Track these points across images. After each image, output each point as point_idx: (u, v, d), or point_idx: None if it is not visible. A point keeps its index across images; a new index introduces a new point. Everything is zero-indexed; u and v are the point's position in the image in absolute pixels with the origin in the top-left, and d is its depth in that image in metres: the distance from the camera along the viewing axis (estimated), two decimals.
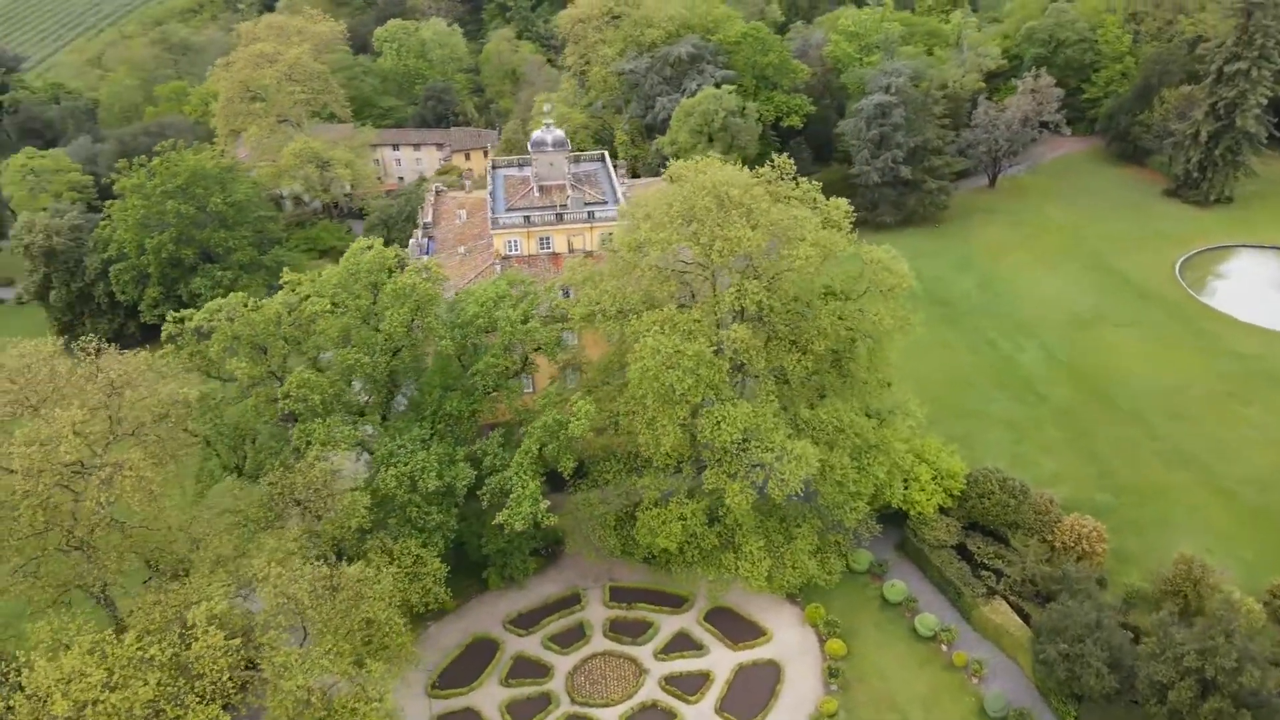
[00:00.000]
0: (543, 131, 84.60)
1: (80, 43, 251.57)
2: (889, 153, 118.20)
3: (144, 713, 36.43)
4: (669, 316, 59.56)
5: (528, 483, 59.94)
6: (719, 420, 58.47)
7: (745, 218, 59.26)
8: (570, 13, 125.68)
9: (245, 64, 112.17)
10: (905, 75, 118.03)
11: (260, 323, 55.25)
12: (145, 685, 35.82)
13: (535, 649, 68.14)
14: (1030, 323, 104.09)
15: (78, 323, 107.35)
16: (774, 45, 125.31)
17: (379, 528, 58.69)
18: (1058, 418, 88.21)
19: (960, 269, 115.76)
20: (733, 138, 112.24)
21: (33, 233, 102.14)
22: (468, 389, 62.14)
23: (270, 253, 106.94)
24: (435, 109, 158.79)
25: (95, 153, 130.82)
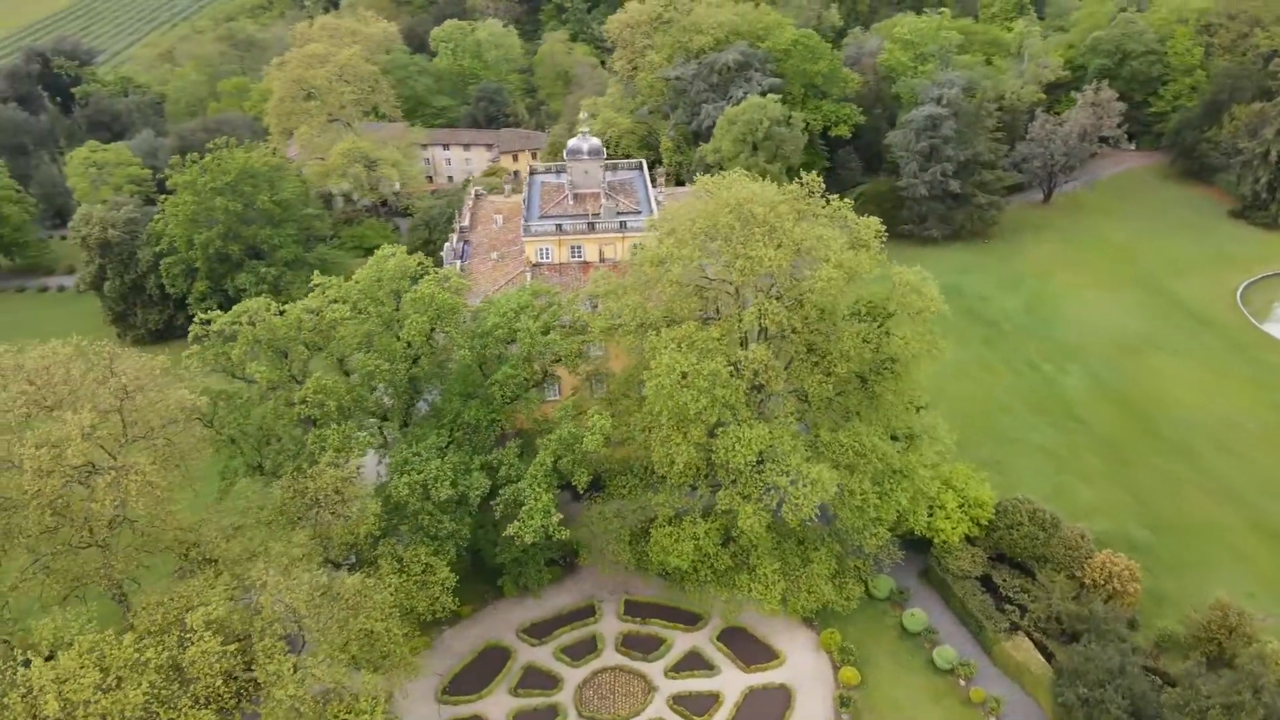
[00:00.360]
0: (579, 139, 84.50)
1: (154, 37, 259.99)
2: (938, 166, 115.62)
3: (136, 715, 37.23)
4: (687, 334, 58.90)
5: (540, 495, 59.82)
6: (734, 441, 57.68)
7: (768, 236, 58.32)
8: (620, 17, 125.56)
9: (298, 64, 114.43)
10: (958, 87, 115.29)
11: (281, 328, 56.14)
12: (136, 689, 36.59)
13: (546, 660, 68.04)
14: (1076, 346, 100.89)
15: (130, 313, 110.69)
16: (824, 53, 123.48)
17: (390, 534, 59.21)
18: (1099, 447, 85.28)
19: (1007, 287, 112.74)
20: (777, 147, 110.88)
21: (89, 225, 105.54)
22: (487, 398, 62.31)
23: (315, 250, 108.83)
24: (486, 110, 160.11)
25: (156, 147, 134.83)
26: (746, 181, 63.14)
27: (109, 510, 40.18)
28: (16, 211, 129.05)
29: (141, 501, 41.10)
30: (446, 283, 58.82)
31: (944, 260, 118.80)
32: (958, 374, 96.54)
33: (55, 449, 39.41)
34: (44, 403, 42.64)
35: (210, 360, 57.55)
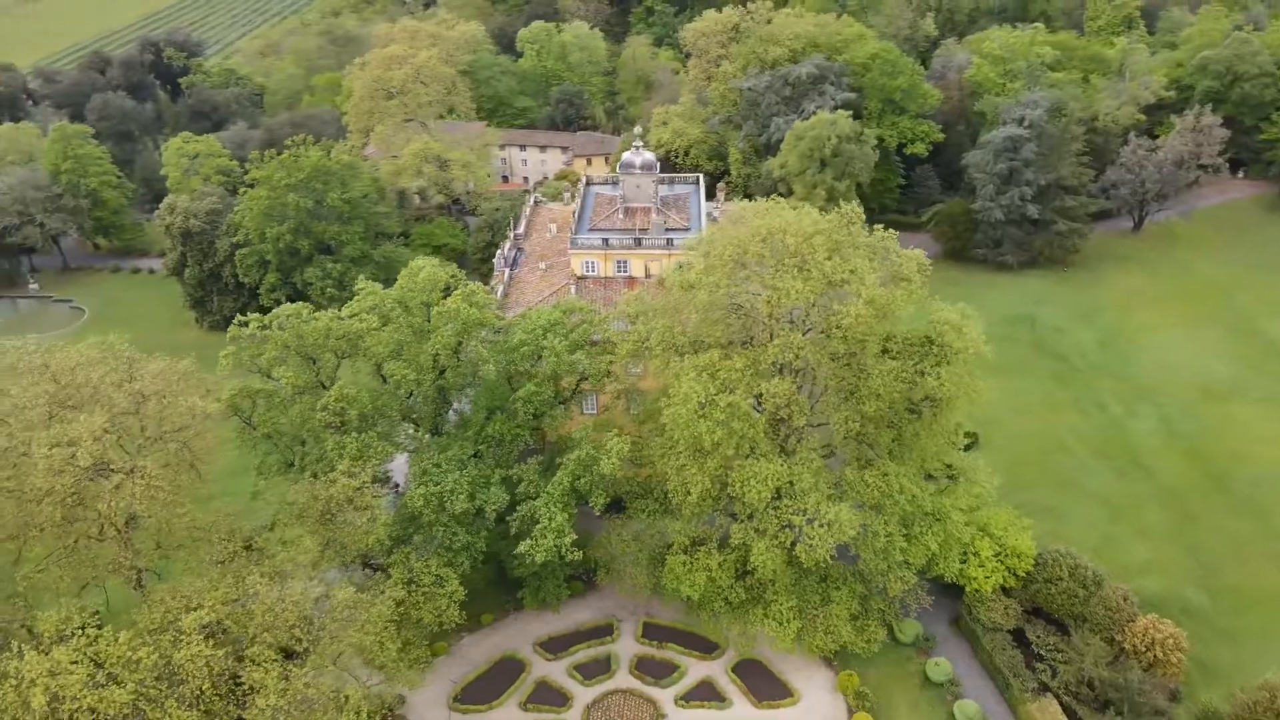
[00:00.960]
0: (632, 153, 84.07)
1: (264, 29, 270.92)
2: (1016, 189, 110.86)
3: (122, 713, 38.67)
4: (710, 363, 57.87)
5: (555, 515, 59.75)
6: (749, 475, 56.44)
7: (798, 268, 56.76)
8: (696, 25, 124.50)
9: (378, 64, 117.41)
10: (1043, 108, 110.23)
11: (310, 334, 57.54)
12: (123, 688, 38.03)
13: (559, 676, 68.05)
14: (1152, 388, 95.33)
15: (207, 299, 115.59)
16: (905, 68, 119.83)
17: (406, 542, 60.08)
18: (1162, 498, 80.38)
19: (1082, 320, 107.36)
20: (846, 164, 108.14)
21: (173, 214, 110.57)
22: (511, 413, 62.58)
23: (381, 248, 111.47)
24: (565, 112, 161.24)
25: (246, 139, 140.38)
26: (782, 210, 61.59)
27: (115, 511, 41.85)
28: (115, 196, 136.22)
29: (144, 504, 42.69)
30: (474, 297, 59.03)
31: (1017, 288, 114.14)
32: (1020, 409, 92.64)
33: (68, 449, 41.29)
34: (66, 402, 44.81)
35: (245, 361, 59.35)
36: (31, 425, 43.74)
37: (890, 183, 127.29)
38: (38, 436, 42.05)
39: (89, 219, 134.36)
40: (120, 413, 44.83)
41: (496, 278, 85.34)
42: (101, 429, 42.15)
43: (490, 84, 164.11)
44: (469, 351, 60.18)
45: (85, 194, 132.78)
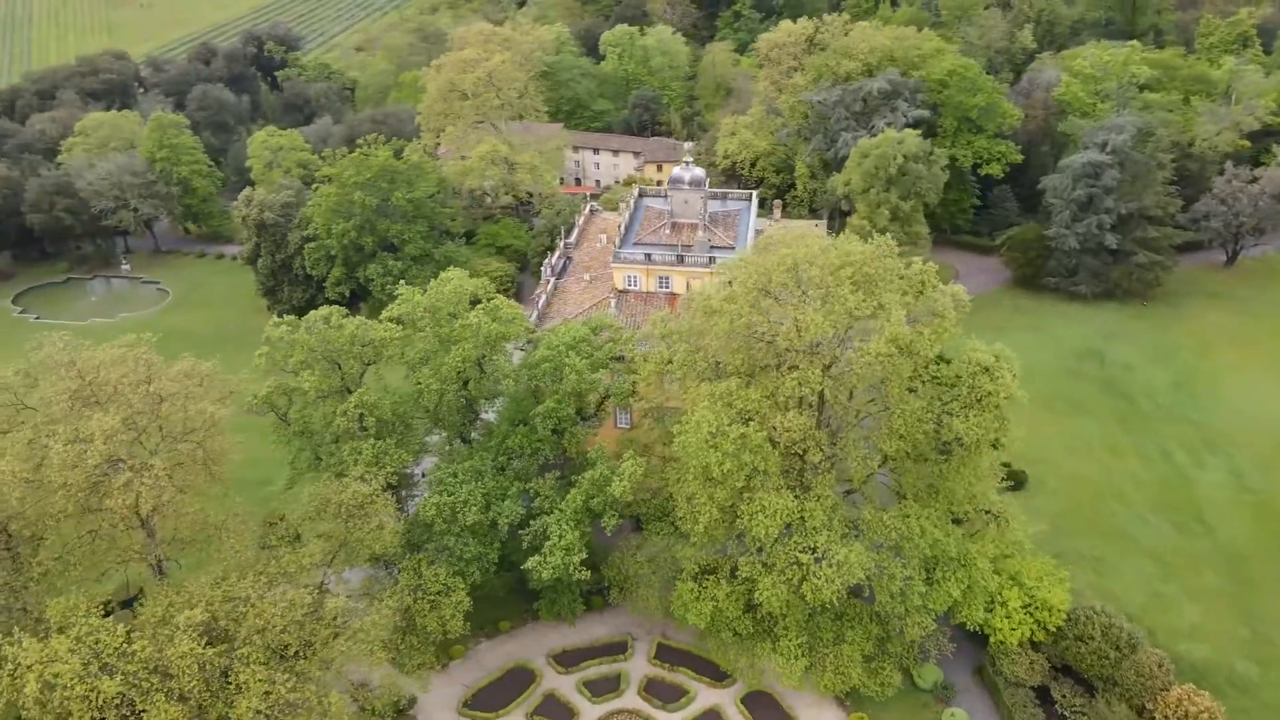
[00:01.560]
0: (681, 169, 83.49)
1: (366, 24, 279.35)
2: (1094, 217, 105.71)
3: (113, 703, 40.48)
4: (727, 391, 56.97)
5: (566, 533, 59.90)
6: (758, 509, 55.37)
7: (821, 301, 55.35)
8: (770, 36, 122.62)
9: (452, 67, 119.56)
10: (1128, 133, 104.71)
11: (336, 340, 59.04)
12: (112, 680, 39.78)
13: (568, 690, 68.13)
14: (1225, 437, 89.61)
15: (279, 288, 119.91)
16: (984, 85, 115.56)
17: (419, 548, 61.11)
18: (1221, 560, 75.51)
19: (1156, 359, 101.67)
20: (912, 184, 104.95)
21: (249, 206, 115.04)
22: (531, 428, 62.95)
23: (443, 247, 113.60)
24: (641, 117, 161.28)
25: (329, 134, 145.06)
26: (812, 239, 60.01)
27: (123, 506, 43.81)
28: (205, 184, 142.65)
29: (148, 504, 44.54)
30: (497, 312, 59.51)
31: (1090, 320, 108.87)
32: (1077, 451, 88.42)
33: (82, 445, 43.41)
34: (89, 399, 47.09)
35: (278, 360, 61.21)
36: (55, 420, 46.16)
37: (964, 203, 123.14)
38: (57, 431, 44.32)
39: (179, 205, 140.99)
40: (136, 413, 46.87)
41: (541, 286, 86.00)
42: (114, 428, 44.15)
43: (570, 86, 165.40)
44: (491, 365, 60.64)
45: (176, 181, 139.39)
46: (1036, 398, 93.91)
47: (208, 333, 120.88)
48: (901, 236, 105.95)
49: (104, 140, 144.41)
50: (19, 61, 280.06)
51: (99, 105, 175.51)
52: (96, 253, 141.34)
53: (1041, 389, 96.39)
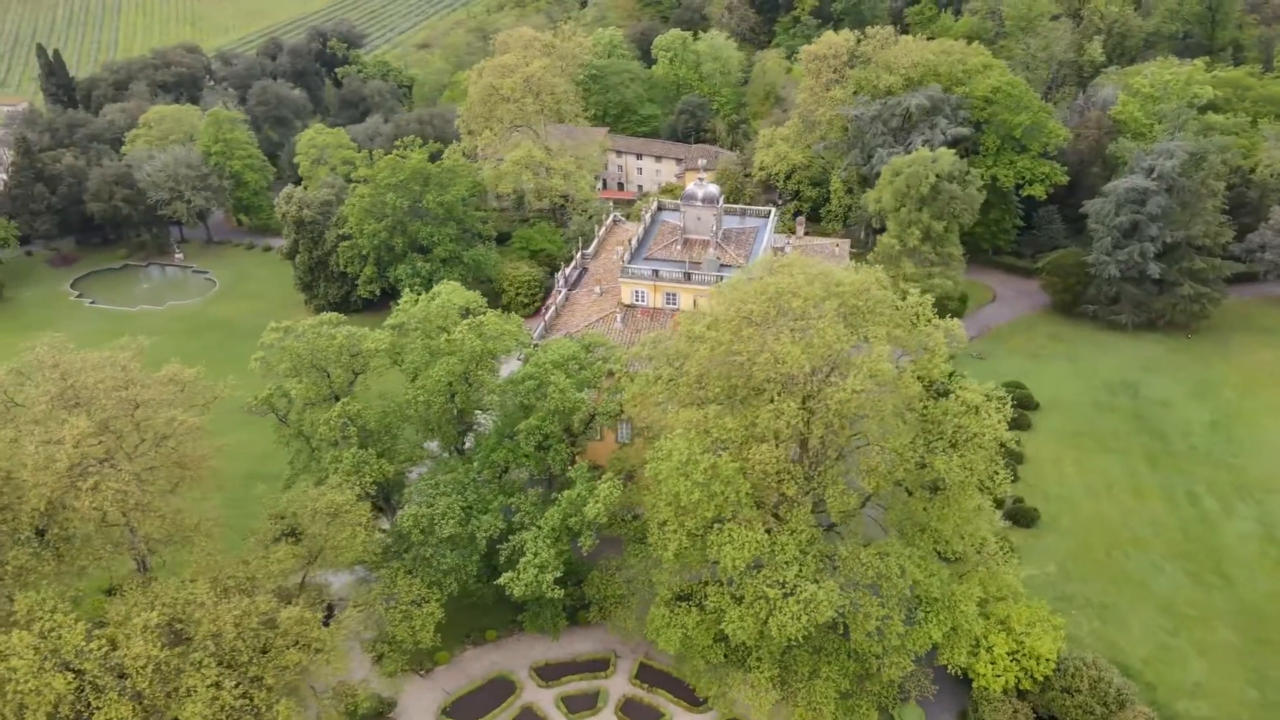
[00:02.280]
0: (695, 185, 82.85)
1: (434, 20, 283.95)
2: (1138, 245, 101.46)
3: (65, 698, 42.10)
4: (703, 419, 56.36)
5: (541, 550, 60.12)
6: (725, 541, 54.68)
7: (800, 332, 54.34)
8: (812, 48, 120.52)
9: (491, 72, 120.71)
10: (1177, 158, 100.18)
11: (324, 349, 60.21)
12: (61, 677, 41.38)
13: (546, 704, 68.34)
14: (1261, 483, 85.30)
15: (315, 283, 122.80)
16: (1029, 104, 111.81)
17: (397, 556, 61.99)
18: (1238, 615, 71.89)
19: (1195, 396, 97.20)
20: (946, 205, 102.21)
21: (289, 203, 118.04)
22: (515, 444, 63.30)
23: (472, 250, 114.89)
24: (687, 123, 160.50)
25: (377, 133, 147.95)
26: (800, 268, 58.77)
27: (88, 509, 45.47)
28: (256, 178, 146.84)
29: (113, 508, 46.12)
30: (482, 329, 59.84)
31: (1128, 351, 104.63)
32: (1097, 489, 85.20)
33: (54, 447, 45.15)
34: (68, 402, 48.95)
35: (273, 365, 62.65)
36: (35, 420, 48.12)
37: (1006, 224, 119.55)
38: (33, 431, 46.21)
39: (230, 198, 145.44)
40: (111, 417, 48.58)
41: (552, 296, 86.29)
42: (85, 432, 45.82)
43: (618, 90, 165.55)
44: (476, 379, 61.13)
45: (229, 175, 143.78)
46: (1060, 432, 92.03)
47: (246, 323, 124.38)
48: (933, 257, 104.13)
49: (166, 133, 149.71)
50: (106, 51, 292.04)
51: (168, 97, 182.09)
52: (152, 241, 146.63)
53: (1067, 422, 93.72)
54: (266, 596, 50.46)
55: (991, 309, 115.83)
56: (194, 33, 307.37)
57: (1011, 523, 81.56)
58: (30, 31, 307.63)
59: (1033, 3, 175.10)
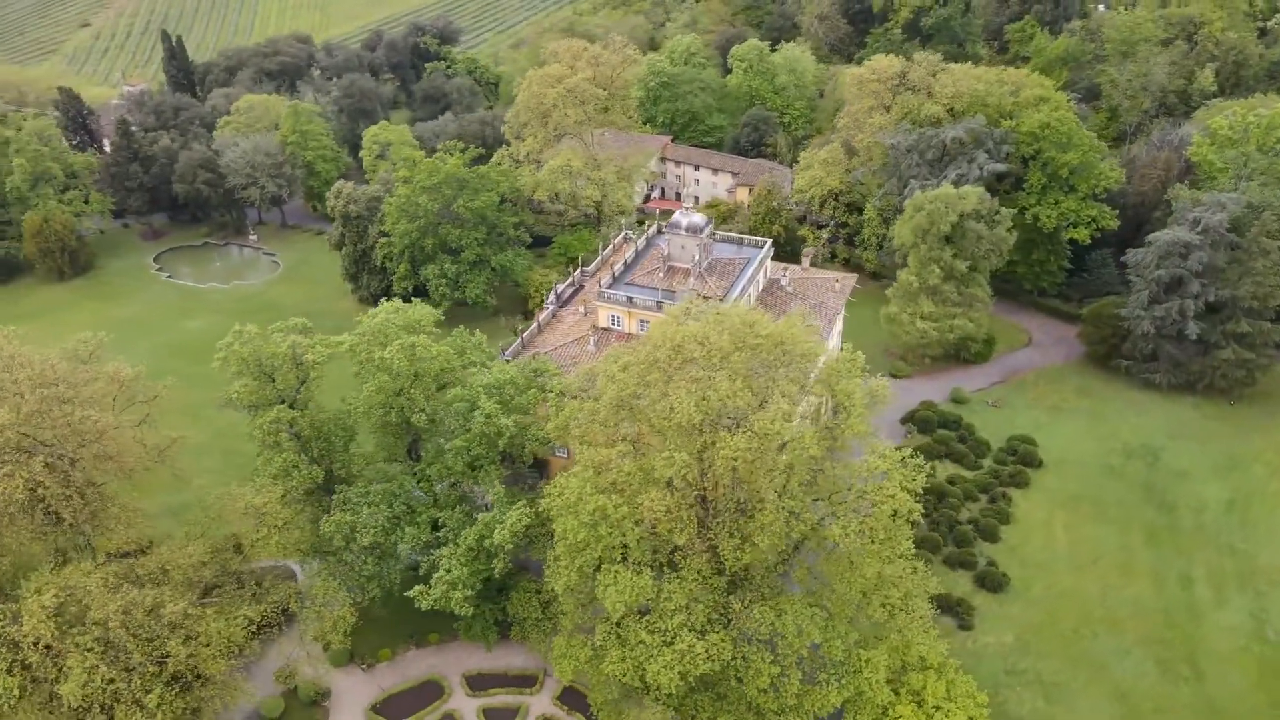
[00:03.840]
0: (681, 214, 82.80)
1: (539, 18, 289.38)
2: (1177, 301, 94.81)
3: None
4: (604, 460, 56.93)
5: (454, 567, 62.09)
6: (609, 583, 55.16)
7: (699, 384, 54.05)
8: (857, 71, 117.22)
9: (538, 81, 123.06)
10: (1228, 211, 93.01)
11: (269, 355, 63.62)
12: None
13: (468, 713, 70.42)
14: (1265, 574, 78.90)
15: (359, 275, 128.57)
16: (1081, 143, 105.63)
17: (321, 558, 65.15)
18: (1200, 713, 67.12)
19: (1220, 470, 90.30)
20: (972, 244, 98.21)
21: (338, 198, 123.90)
22: (443, 463, 65.35)
23: (501, 255, 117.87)
24: (750, 136, 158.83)
25: (442, 131, 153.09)
26: (730, 314, 58.28)
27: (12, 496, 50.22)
28: (328, 168, 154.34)
29: (27, 495, 50.64)
30: (413, 351, 61.89)
31: (1158, 413, 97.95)
32: (1081, 562, 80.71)
33: None
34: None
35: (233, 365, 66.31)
36: None
37: (1051, 265, 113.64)
38: None
39: (302, 186, 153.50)
40: (34, 412, 53.22)
41: (540, 312, 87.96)
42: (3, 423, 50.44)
43: (686, 98, 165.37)
44: (408, 398, 63.45)
45: (302, 164, 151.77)
46: (1058, 494, 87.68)
47: (296, 307, 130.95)
48: (955, 297, 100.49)
49: (254, 120, 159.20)
50: (241, 35, 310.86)
51: (272, 85, 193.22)
52: (232, 222, 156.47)
53: (1068, 484, 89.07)
54: (176, 588, 54.35)
55: (1023, 354, 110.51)
56: (323, 19, 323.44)
57: (978, 586, 78.45)
58: (177, 13, 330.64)
59: (1137, 25, 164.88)
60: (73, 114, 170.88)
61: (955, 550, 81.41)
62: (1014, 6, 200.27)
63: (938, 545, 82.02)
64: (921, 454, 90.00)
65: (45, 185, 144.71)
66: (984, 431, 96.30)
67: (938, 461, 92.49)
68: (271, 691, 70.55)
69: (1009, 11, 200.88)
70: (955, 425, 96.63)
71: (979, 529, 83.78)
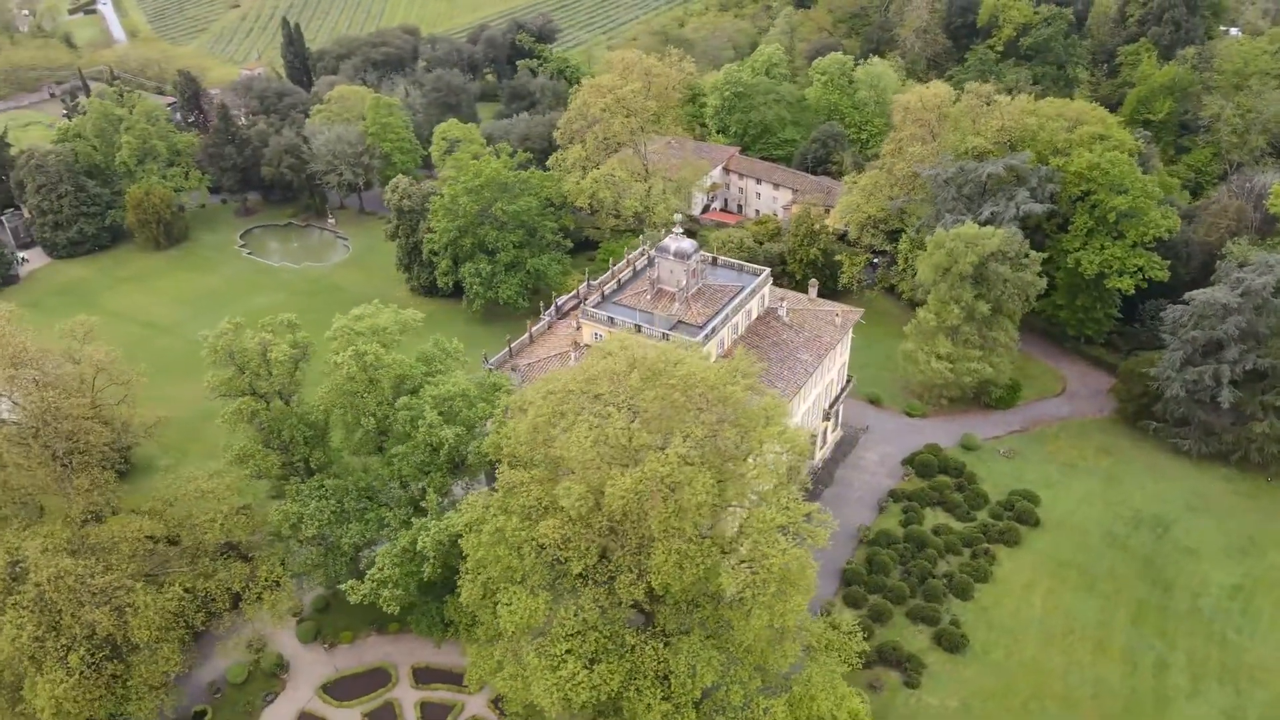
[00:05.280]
0: (670, 238, 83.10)
1: (649, 17, 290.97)
2: (1212, 366, 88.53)
3: None
4: (517, 482, 58.57)
5: (386, 567, 65.29)
6: (505, 602, 56.91)
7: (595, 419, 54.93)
8: (905, 97, 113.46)
9: (589, 91, 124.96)
10: (1275, 274, 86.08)
11: (239, 350, 68.22)
12: None
13: (406, 704, 73.76)
14: (1252, 670, 73.45)
15: (411, 266, 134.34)
16: (1135, 186, 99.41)
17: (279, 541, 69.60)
18: None
19: (1233, 551, 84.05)
20: (997, 287, 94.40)
21: (395, 192, 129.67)
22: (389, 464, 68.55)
23: (535, 259, 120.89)
24: (818, 152, 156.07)
25: (510, 130, 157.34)
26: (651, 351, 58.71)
27: None
28: (405, 159, 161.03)
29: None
30: (363, 360, 65.10)
31: (1179, 483, 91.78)
32: (1055, 632, 77.23)
33: None
34: None
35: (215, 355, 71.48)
36: None
37: (1097, 313, 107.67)
38: None
39: (379, 176, 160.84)
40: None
41: (532, 322, 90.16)
42: None
43: (760, 110, 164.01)
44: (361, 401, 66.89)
45: (380, 155, 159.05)
46: (1048, 557, 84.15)
47: (354, 292, 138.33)
48: (975, 339, 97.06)
49: (343, 110, 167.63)
50: (373, 22, 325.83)
51: (374, 74, 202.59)
52: (314, 205, 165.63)
53: (1061, 548, 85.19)
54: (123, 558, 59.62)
55: (1053, 403, 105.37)
56: (449, 9, 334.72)
57: (935, 643, 76.13)
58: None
59: (1252, 55, 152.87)
60: (189, 95, 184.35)
61: (922, 604, 79.19)
62: (1131, 28, 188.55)
63: (904, 596, 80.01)
64: (914, 500, 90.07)
65: (151, 161, 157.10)
66: (987, 482, 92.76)
67: (929, 509, 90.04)
68: (242, 659, 76.46)
69: (1125, 33, 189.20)
70: (958, 472, 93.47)
71: (951, 584, 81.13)
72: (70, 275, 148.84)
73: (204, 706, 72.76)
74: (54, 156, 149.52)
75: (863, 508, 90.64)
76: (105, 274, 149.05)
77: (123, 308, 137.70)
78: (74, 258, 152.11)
